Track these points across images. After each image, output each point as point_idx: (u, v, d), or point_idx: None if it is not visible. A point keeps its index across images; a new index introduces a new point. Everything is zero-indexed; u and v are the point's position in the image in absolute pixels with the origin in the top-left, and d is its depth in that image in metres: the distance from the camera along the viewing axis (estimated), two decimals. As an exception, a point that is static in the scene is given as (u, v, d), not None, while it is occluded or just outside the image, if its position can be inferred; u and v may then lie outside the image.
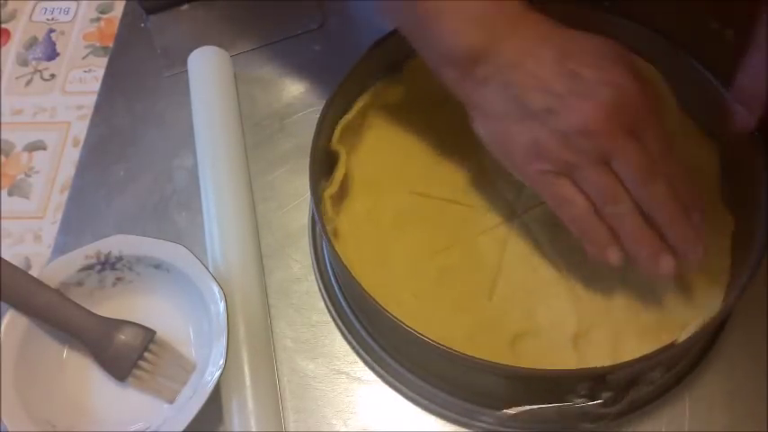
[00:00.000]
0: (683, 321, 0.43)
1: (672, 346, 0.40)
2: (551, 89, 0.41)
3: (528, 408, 0.41)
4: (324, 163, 0.49)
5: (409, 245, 0.49)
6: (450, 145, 0.52)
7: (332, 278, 0.51)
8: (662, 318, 0.45)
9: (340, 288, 0.50)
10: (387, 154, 0.52)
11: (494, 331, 0.45)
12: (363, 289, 0.42)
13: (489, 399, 0.45)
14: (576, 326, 0.45)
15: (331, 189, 0.48)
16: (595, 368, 0.39)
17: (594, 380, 0.40)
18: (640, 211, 0.42)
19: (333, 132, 0.50)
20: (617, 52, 0.42)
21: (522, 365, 0.40)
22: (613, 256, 0.43)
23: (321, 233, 0.46)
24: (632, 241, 0.42)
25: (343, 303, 0.50)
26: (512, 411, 0.42)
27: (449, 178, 0.51)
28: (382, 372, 0.48)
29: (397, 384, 0.48)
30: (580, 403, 0.40)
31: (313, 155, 0.47)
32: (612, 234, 0.42)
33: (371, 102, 0.52)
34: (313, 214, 0.47)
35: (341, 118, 0.51)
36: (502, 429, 0.45)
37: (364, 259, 0.46)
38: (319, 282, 0.52)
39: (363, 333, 0.49)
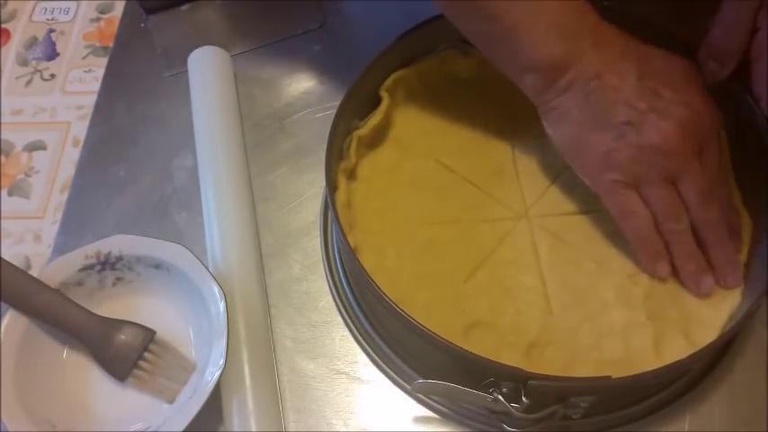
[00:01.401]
0: (644, 363, 0.43)
1: (604, 378, 0.39)
2: (633, 104, 0.42)
3: (442, 383, 0.41)
4: (361, 104, 0.50)
5: (414, 206, 0.50)
6: (492, 132, 0.53)
7: (334, 244, 0.52)
8: (623, 357, 0.44)
9: (340, 258, 0.52)
10: (427, 121, 0.53)
11: (454, 312, 0.46)
12: (344, 235, 0.44)
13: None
14: (535, 336, 0.45)
15: (362, 131, 0.50)
16: (519, 369, 0.39)
17: (517, 381, 0.40)
18: (693, 230, 0.45)
19: (383, 78, 0.51)
20: (689, 71, 0.45)
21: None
22: (663, 269, 0.46)
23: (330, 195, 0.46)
24: (683, 257, 0.45)
25: (344, 281, 0.51)
26: (421, 381, 0.42)
27: (479, 161, 0.52)
28: (376, 357, 0.49)
29: (386, 368, 0.48)
30: (496, 398, 0.40)
31: (351, 92, 0.48)
32: (666, 248, 0.45)
33: (435, 66, 0.53)
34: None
35: (394, 71, 0.52)
36: (503, 430, 0.45)
37: (368, 205, 0.49)
38: (322, 249, 0.53)
39: (366, 325, 0.49)
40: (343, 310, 0.50)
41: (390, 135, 0.52)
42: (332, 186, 0.47)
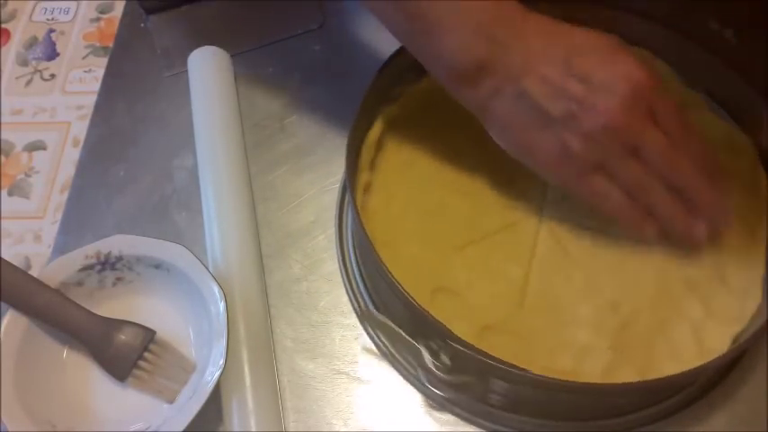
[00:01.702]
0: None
1: (520, 369, 0.39)
2: (567, 93, 0.41)
3: (387, 321, 0.43)
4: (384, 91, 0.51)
5: (438, 168, 0.51)
6: None
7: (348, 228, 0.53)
8: (568, 374, 0.43)
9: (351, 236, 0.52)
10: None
11: (432, 274, 0.47)
12: (357, 210, 0.45)
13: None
14: (494, 322, 0.45)
15: (393, 109, 0.52)
16: (446, 327, 0.40)
17: (444, 338, 0.40)
18: (670, 187, 0.44)
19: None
20: (614, 43, 0.43)
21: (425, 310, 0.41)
22: (650, 230, 0.45)
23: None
24: (666, 219, 0.45)
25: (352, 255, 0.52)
26: (368, 310, 0.44)
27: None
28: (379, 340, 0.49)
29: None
30: (423, 351, 0.42)
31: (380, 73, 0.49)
32: (647, 211, 0.45)
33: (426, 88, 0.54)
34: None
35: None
36: (506, 430, 0.46)
37: (393, 158, 0.51)
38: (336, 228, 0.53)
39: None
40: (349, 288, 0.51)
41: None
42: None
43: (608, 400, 0.43)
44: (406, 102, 0.53)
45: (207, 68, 0.59)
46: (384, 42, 0.50)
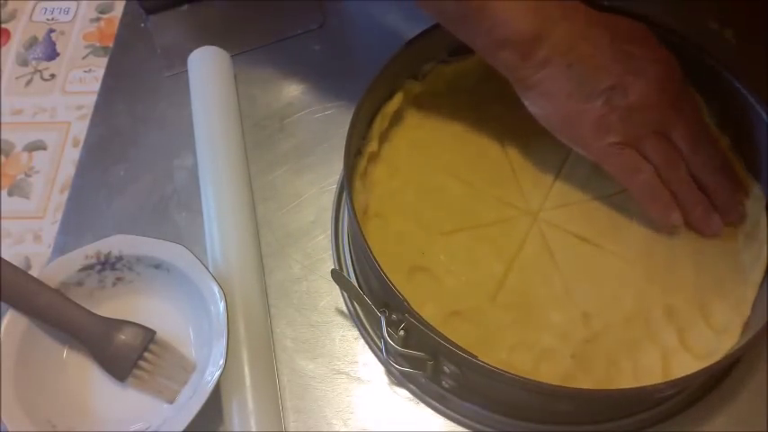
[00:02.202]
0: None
1: (468, 353, 0.40)
2: (612, 69, 0.44)
3: (352, 282, 0.46)
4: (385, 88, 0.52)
5: (444, 155, 0.52)
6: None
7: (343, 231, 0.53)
8: (526, 373, 0.42)
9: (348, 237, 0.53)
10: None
11: (414, 251, 0.48)
12: (350, 192, 0.45)
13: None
14: (465, 308, 0.46)
15: (416, 86, 0.53)
16: (405, 300, 0.41)
17: (402, 312, 0.41)
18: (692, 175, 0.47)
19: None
20: (646, 30, 0.47)
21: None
22: (677, 218, 0.47)
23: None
24: (690, 203, 0.47)
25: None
26: (337, 270, 0.46)
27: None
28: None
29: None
30: (381, 319, 0.44)
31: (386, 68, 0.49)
32: (674, 198, 0.47)
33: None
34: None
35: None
36: (459, 417, 0.46)
37: (399, 142, 0.52)
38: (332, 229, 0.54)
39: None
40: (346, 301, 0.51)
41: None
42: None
43: (549, 401, 0.43)
44: (432, 80, 0.54)
45: (207, 68, 0.59)
46: (384, 42, 0.51)
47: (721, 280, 0.47)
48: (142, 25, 0.66)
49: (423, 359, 0.43)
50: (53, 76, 0.92)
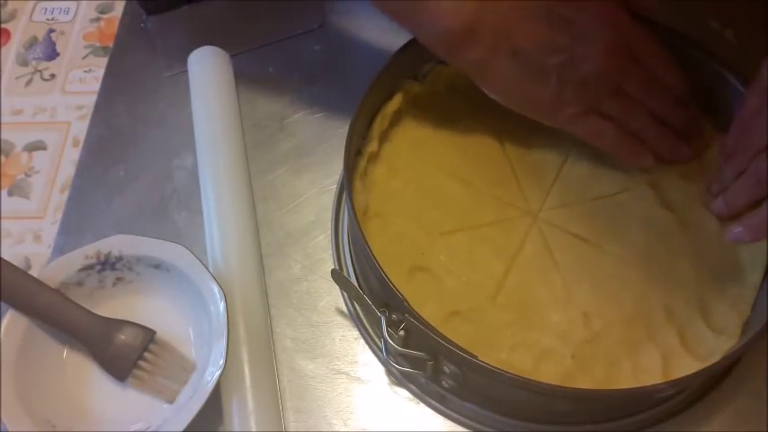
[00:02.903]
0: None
1: (469, 353, 0.40)
2: (557, 45, 0.44)
3: (352, 282, 0.46)
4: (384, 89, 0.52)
5: (445, 155, 0.52)
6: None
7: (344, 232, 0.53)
8: (526, 373, 0.42)
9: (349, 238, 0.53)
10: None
11: (415, 251, 0.48)
12: (350, 190, 0.45)
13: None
14: (465, 308, 0.46)
15: (416, 86, 0.53)
16: (406, 300, 0.41)
17: (403, 312, 0.41)
18: (653, 115, 0.48)
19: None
20: None
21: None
22: (647, 160, 0.49)
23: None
24: (655, 141, 0.49)
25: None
26: (337, 270, 0.46)
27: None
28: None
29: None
30: (381, 319, 0.44)
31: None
32: (641, 142, 0.49)
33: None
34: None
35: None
36: (458, 417, 0.46)
37: (400, 140, 0.52)
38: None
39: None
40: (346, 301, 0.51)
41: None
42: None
43: (548, 401, 0.43)
44: (432, 81, 0.54)
45: (207, 68, 0.59)
46: (384, 42, 0.51)
47: (721, 280, 0.47)
48: (142, 25, 0.66)
49: (423, 359, 0.43)
50: (53, 76, 0.92)
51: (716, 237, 0.48)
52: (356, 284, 0.46)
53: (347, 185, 0.45)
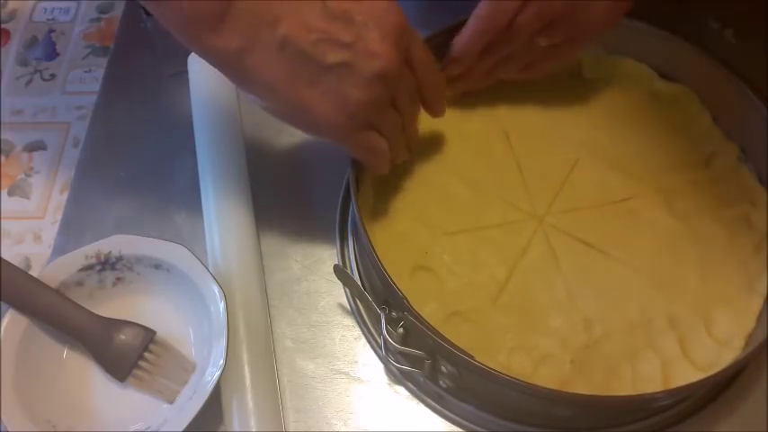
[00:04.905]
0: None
1: (467, 353, 0.40)
2: (336, 39, 0.37)
3: (354, 279, 0.46)
4: None
5: (452, 156, 0.52)
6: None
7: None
8: (526, 377, 0.42)
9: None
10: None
11: (418, 251, 0.48)
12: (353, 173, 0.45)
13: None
14: (465, 309, 0.46)
15: None
16: (406, 299, 0.41)
17: (402, 311, 0.41)
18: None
19: None
20: None
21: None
22: (384, 167, 0.46)
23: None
24: (394, 150, 0.45)
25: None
26: (339, 265, 0.46)
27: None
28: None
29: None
30: (381, 316, 0.44)
31: None
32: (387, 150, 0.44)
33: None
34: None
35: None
36: (456, 418, 0.46)
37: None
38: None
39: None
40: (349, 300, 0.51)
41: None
42: None
43: (545, 406, 0.43)
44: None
45: (207, 68, 0.59)
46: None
47: (727, 290, 0.46)
48: (142, 25, 0.66)
49: (421, 358, 0.43)
50: (53, 76, 0.92)
51: (723, 247, 0.48)
52: (358, 281, 0.46)
53: (352, 183, 0.45)
